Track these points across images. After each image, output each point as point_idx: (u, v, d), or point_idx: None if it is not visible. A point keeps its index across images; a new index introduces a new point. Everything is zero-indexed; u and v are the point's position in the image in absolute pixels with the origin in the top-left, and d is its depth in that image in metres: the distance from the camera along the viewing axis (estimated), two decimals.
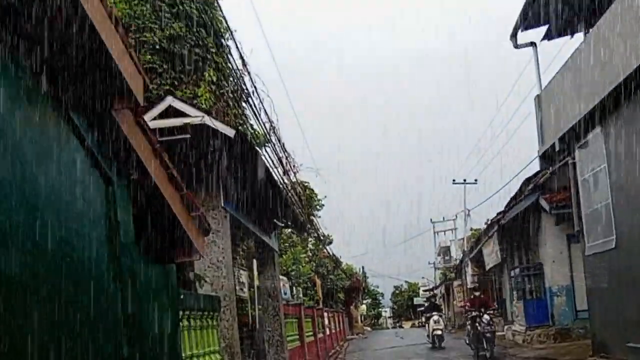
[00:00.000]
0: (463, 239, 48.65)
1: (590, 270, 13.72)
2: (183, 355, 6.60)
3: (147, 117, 7.16)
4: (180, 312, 6.53)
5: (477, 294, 18.59)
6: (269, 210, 12.04)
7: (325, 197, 27.64)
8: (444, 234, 63.83)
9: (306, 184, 19.41)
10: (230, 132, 6.98)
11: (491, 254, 22.91)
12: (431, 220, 63.59)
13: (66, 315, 3.62)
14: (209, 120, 6.89)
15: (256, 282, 13.44)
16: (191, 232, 6.05)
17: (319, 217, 28.52)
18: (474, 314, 17.03)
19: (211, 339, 7.73)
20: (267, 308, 13.03)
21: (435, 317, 22.36)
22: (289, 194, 13.20)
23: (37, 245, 3.34)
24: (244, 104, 12.32)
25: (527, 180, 18.18)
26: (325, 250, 32.90)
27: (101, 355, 4.18)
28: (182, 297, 6.46)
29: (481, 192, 65.79)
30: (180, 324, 6.60)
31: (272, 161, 11.33)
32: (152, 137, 5.18)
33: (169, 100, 7.41)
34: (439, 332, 21.95)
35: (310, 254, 32.06)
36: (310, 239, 31.80)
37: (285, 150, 12.28)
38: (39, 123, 3.52)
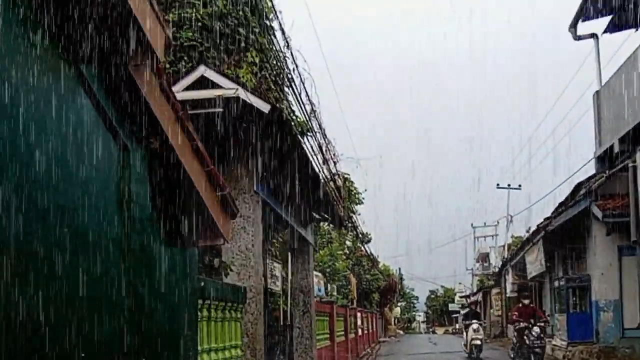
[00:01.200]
0: (504, 245, 47.40)
1: None
2: (200, 348, 6.09)
3: (177, 87, 6.68)
4: (200, 301, 6.02)
5: (526, 302, 16.86)
6: (306, 201, 11.49)
7: (366, 190, 26.60)
8: (484, 239, 62.29)
9: (346, 176, 18.72)
10: (265, 108, 6.40)
11: (535, 262, 21.89)
12: (472, 225, 62.17)
13: (63, 295, 3.13)
14: (242, 93, 6.34)
15: (289, 276, 12.94)
16: (216, 213, 5.52)
17: (359, 214, 27.87)
18: (522, 325, 15.50)
19: (233, 332, 7.21)
20: (298, 304, 12.49)
21: (475, 326, 20.96)
22: (328, 185, 12.61)
23: (38, 214, 2.87)
24: (286, 89, 11.80)
25: (579, 185, 17.19)
26: (362, 249, 32.22)
27: (102, 341, 3.69)
28: (202, 284, 5.94)
29: (525, 198, 63.73)
30: (199, 314, 6.08)
31: (312, 147, 10.76)
32: (175, 101, 4.67)
33: (201, 70, 6.89)
34: (478, 342, 20.61)
35: (348, 252, 31.42)
36: (348, 236, 31.17)
37: (326, 137, 11.68)
38: (44, 77, 3.04)
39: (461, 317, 62.85)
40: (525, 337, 15.06)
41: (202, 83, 6.73)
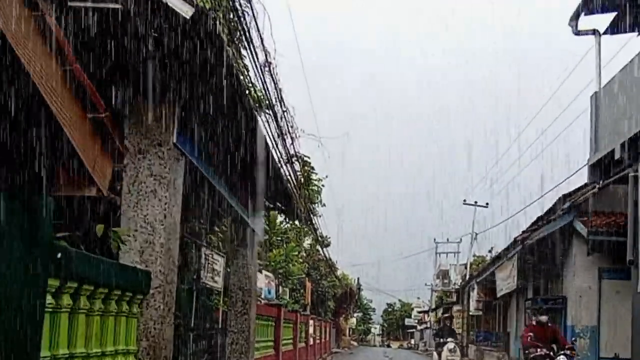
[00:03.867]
0: (466, 264, 46.26)
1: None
2: (50, 353, 4.03)
3: None
4: (55, 282, 3.97)
5: (543, 319, 11.77)
6: (254, 181, 9.49)
7: (327, 176, 23.33)
8: (446, 256, 61.30)
9: (306, 158, 16.52)
10: (185, 10, 4.34)
11: (507, 279, 20.14)
12: (434, 240, 60.95)
13: None
14: None
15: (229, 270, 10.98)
16: (84, 147, 3.51)
17: (320, 215, 25.90)
18: (539, 352, 10.84)
19: (122, 332, 5.15)
20: (235, 303, 10.42)
21: (451, 345, 17.71)
22: (284, 166, 10.63)
23: None
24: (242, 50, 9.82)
25: (565, 197, 15.53)
26: (321, 253, 30.25)
27: None
28: (59, 256, 3.88)
29: (490, 218, 62.68)
30: (54, 301, 4.03)
31: (265, 115, 8.74)
32: None
33: None
34: None
35: (305, 254, 29.38)
36: (306, 238, 29.22)
37: (283, 101, 9.62)
38: None
39: (427, 334, 61.11)
40: None
41: None
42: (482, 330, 29.61)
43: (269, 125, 9.11)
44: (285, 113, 9.71)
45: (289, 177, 10.88)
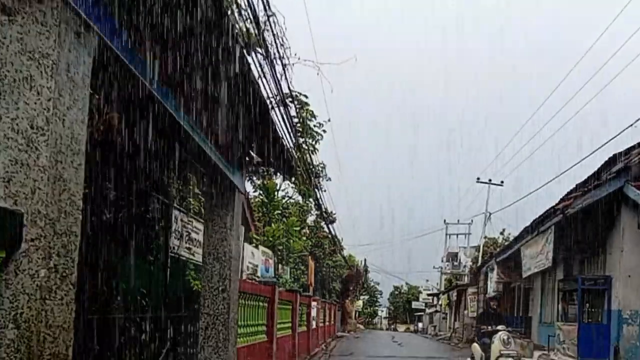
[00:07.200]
0: (478, 246, 44.08)
1: None
2: None
3: None
4: None
5: None
6: (234, 118, 7.13)
7: (329, 120, 19.27)
8: (456, 237, 59.00)
9: (304, 97, 13.73)
10: None
11: (537, 256, 17.68)
12: (445, 221, 58.65)
13: None
14: None
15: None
16: None
17: (324, 190, 23.57)
18: None
19: None
20: (211, 278, 8.08)
21: (504, 335, 12.32)
22: (276, 107, 8.25)
23: None
24: None
25: (617, 157, 13.07)
26: (325, 229, 27.92)
27: None
28: None
29: (504, 198, 60.25)
30: None
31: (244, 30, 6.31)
32: None
33: None
34: None
35: (308, 231, 27.06)
36: (310, 214, 26.92)
37: (269, 5, 6.97)
38: None
39: (436, 317, 58.82)
40: None
41: None
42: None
43: (249, 42, 6.66)
44: (270, 19, 7.21)
45: (281, 118, 8.54)
